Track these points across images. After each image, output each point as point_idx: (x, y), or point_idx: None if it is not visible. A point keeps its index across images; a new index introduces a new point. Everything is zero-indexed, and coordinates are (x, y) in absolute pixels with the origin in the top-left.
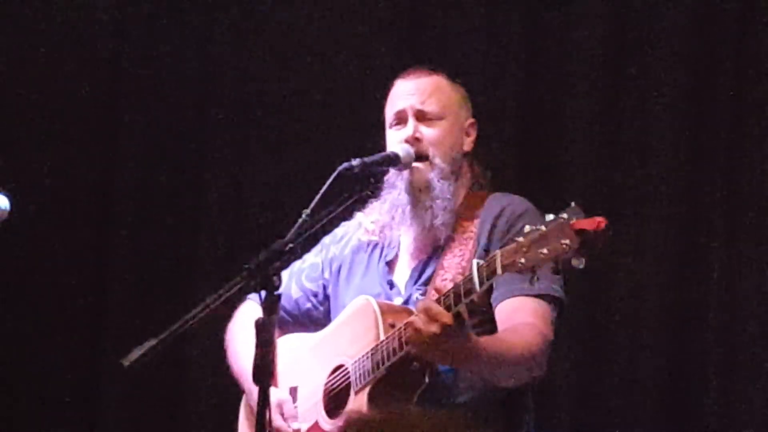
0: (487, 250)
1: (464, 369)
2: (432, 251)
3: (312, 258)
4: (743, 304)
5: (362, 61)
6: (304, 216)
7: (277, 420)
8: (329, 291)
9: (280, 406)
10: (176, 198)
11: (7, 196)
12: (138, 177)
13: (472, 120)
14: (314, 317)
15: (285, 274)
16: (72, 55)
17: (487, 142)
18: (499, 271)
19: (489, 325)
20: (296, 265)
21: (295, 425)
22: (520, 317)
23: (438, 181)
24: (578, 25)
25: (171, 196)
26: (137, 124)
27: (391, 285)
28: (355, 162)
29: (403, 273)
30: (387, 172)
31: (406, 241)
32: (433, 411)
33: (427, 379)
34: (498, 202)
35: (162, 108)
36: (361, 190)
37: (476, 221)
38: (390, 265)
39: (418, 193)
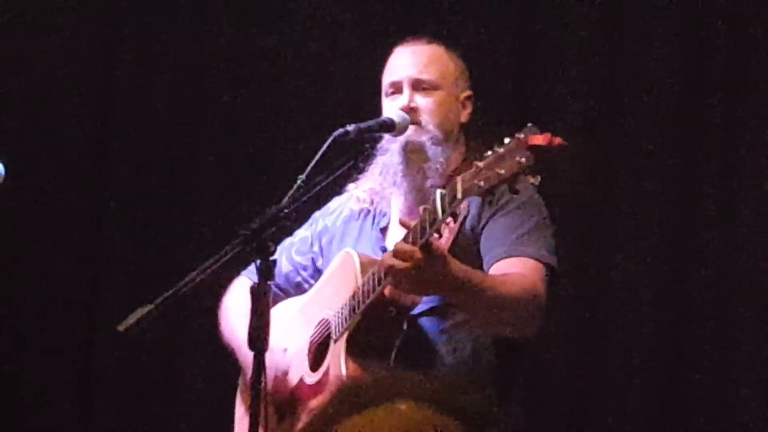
0: (476, 224)
1: (454, 299)
2: None
3: (302, 232)
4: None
5: (355, 31)
6: (299, 182)
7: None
8: (319, 264)
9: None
10: (171, 164)
11: (1, 162)
12: (132, 143)
13: (469, 92)
14: (305, 290)
15: (276, 250)
16: (66, 23)
17: (481, 117)
18: (459, 195)
19: None
20: (287, 240)
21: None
22: (513, 272)
23: (431, 145)
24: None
25: (165, 162)
26: (132, 91)
27: (384, 251)
28: (351, 128)
29: (395, 238)
30: (382, 138)
31: (397, 206)
32: (417, 372)
33: (405, 327)
34: None
35: (157, 72)
36: (357, 155)
37: None
38: (383, 231)
39: (411, 154)
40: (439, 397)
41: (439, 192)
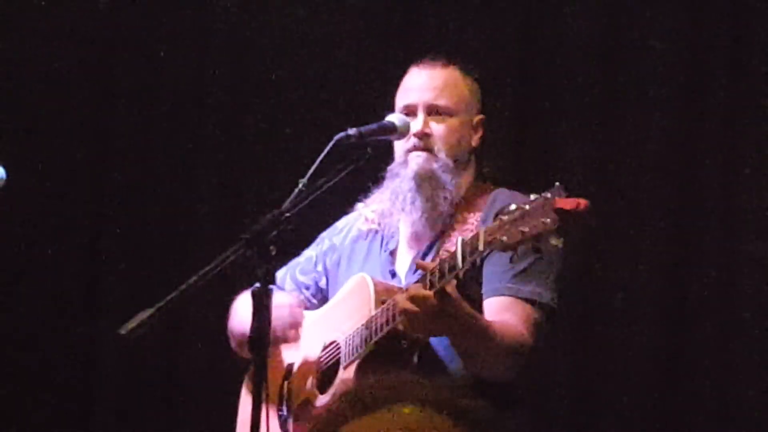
0: None
1: (457, 342)
2: (431, 241)
3: (308, 252)
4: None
5: (358, 36)
6: (300, 185)
7: None
8: (322, 284)
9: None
10: (172, 166)
11: (2, 165)
12: (133, 145)
13: (481, 116)
14: (307, 309)
15: (282, 270)
16: (66, 25)
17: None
18: (481, 247)
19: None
20: (294, 260)
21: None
22: (505, 318)
23: (442, 173)
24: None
25: (166, 165)
26: (132, 93)
27: (393, 274)
28: (352, 131)
29: (403, 262)
30: (384, 142)
31: (405, 230)
32: (426, 378)
33: (415, 360)
34: (502, 200)
35: (158, 75)
36: (359, 159)
37: (478, 214)
38: (392, 254)
39: (421, 181)
40: (443, 401)
41: (460, 240)
